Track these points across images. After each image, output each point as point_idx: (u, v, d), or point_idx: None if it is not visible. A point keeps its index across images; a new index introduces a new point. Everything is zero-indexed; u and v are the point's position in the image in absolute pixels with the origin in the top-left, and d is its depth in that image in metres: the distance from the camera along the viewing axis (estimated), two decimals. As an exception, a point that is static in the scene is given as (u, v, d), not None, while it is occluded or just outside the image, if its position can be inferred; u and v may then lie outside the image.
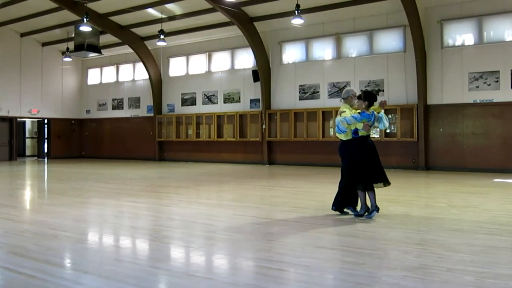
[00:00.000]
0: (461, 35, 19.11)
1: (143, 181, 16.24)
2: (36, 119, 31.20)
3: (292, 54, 23.36)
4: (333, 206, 8.96)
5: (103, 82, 31.16)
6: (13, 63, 28.46)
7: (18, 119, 29.65)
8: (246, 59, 24.56)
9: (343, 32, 21.63)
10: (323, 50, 22.41)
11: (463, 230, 7.46)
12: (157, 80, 27.72)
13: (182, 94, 27.07)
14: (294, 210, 9.60)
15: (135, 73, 29.39)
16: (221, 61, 25.69)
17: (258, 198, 12.06)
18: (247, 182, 15.80)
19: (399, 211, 8.79)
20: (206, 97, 26.08)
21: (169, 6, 23.04)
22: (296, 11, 18.18)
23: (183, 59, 27.19)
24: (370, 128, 8.62)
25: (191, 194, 12.98)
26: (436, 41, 19.35)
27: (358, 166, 8.54)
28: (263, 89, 23.41)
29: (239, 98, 24.82)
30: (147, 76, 27.84)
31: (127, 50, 27.91)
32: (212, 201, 11.90)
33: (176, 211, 9.97)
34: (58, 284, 4.99)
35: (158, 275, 5.36)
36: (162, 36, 23.40)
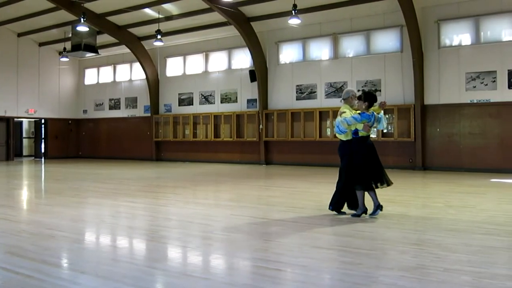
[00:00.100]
0: (458, 35, 19.14)
1: (140, 181, 16.22)
2: (33, 119, 31.17)
3: (289, 54, 23.37)
4: (330, 205, 8.97)
5: (100, 82, 31.13)
6: (10, 63, 28.43)
7: (15, 119, 29.59)
8: (243, 59, 24.56)
9: (340, 32, 21.65)
10: (320, 50, 22.42)
11: (460, 230, 7.47)
12: (154, 80, 27.70)
13: (179, 94, 27.06)
14: (291, 210, 9.60)
15: (132, 73, 29.36)
16: (218, 61, 25.68)
17: (255, 198, 12.06)
18: (244, 182, 15.80)
19: (396, 211, 8.80)
20: (203, 97, 26.07)
21: (166, 6, 23.03)
22: (293, 11, 18.20)
23: (180, 59, 27.18)
24: (370, 129, 8.64)
25: (188, 194, 12.97)
26: (433, 41, 19.37)
27: (358, 166, 8.55)
28: (260, 89, 23.41)
29: (236, 98, 24.82)
30: (144, 76, 27.82)
31: (124, 50, 27.89)
32: (209, 201, 11.90)
33: (173, 211, 9.96)
34: (55, 284, 4.99)
35: (155, 275, 5.36)
36: (159, 36, 23.40)
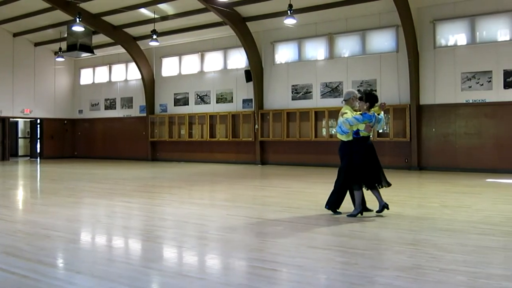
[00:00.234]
0: (453, 35, 19.16)
1: (136, 181, 16.21)
2: (28, 119, 31.09)
3: (284, 54, 23.37)
4: (326, 205, 9.00)
5: (96, 82, 31.07)
6: (5, 63, 28.36)
7: (11, 119, 29.52)
8: (238, 59, 24.55)
9: (336, 32, 21.66)
10: (316, 50, 22.43)
11: (455, 230, 7.48)
12: (149, 80, 27.68)
13: (174, 94, 27.04)
14: (286, 210, 9.61)
15: (127, 73, 29.32)
16: (213, 61, 25.67)
17: (250, 198, 12.05)
18: (239, 182, 15.79)
19: (392, 211, 8.80)
20: (198, 97, 26.06)
21: (161, 6, 23.01)
22: (288, 11, 18.20)
23: (175, 59, 27.16)
24: (372, 129, 8.69)
25: (184, 194, 12.96)
26: (428, 41, 19.40)
27: (357, 166, 8.59)
28: (255, 89, 23.41)
29: (232, 98, 24.81)
30: (139, 76, 27.79)
31: (119, 50, 27.86)
32: (205, 201, 11.90)
33: (169, 211, 9.96)
34: (51, 284, 4.98)
35: (151, 275, 5.35)
36: (154, 36, 23.37)
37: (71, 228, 8.09)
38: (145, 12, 23.80)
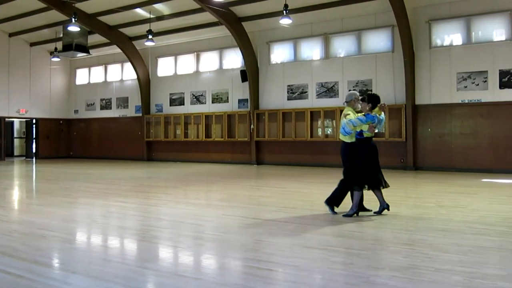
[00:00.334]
0: (449, 35, 19.19)
1: (131, 181, 16.19)
2: (24, 119, 31.03)
3: (280, 54, 23.37)
4: (326, 200, 9.01)
5: (91, 82, 31.02)
6: (1, 63, 28.30)
7: (6, 119, 29.48)
8: (234, 59, 24.54)
9: (331, 32, 21.67)
10: (311, 50, 22.43)
11: (451, 230, 7.50)
12: (145, 80, 27.65)
13: (170, 94, 27.01)
14: (282, 210, 9.61)
15: (123, 73, 29.28)
16: (209, 61, 25.65)
17: (246, 198, 12.06)
18: (235, 182, 15.79)
19: (387, 211, 8.81)
20: (194, 97, 26.04)
21: (157, 6, 22.99)
22: (284, 11, 18.16)
23: (171, 59, 27.14)
24: (374, 130, 8.72)
25: (179, 194, 12.95)
26: (424, 41, 19.43)
27: (359, 166, 8.62)
28: (251, 89, 23.41)
29: (227, 98, 24.80)
30: (135, 76, 27.75)
31: (115, 50, 27.81)
32: (200, 201, 11.89)
33: (164, 211, 9.95)
34: (47, 284, 4.97)
35: (147, 275, 5.35)
36: (150, 36, 23.36)
37: (67, 228, 8.08)
38: (140, 12, 23.77)
